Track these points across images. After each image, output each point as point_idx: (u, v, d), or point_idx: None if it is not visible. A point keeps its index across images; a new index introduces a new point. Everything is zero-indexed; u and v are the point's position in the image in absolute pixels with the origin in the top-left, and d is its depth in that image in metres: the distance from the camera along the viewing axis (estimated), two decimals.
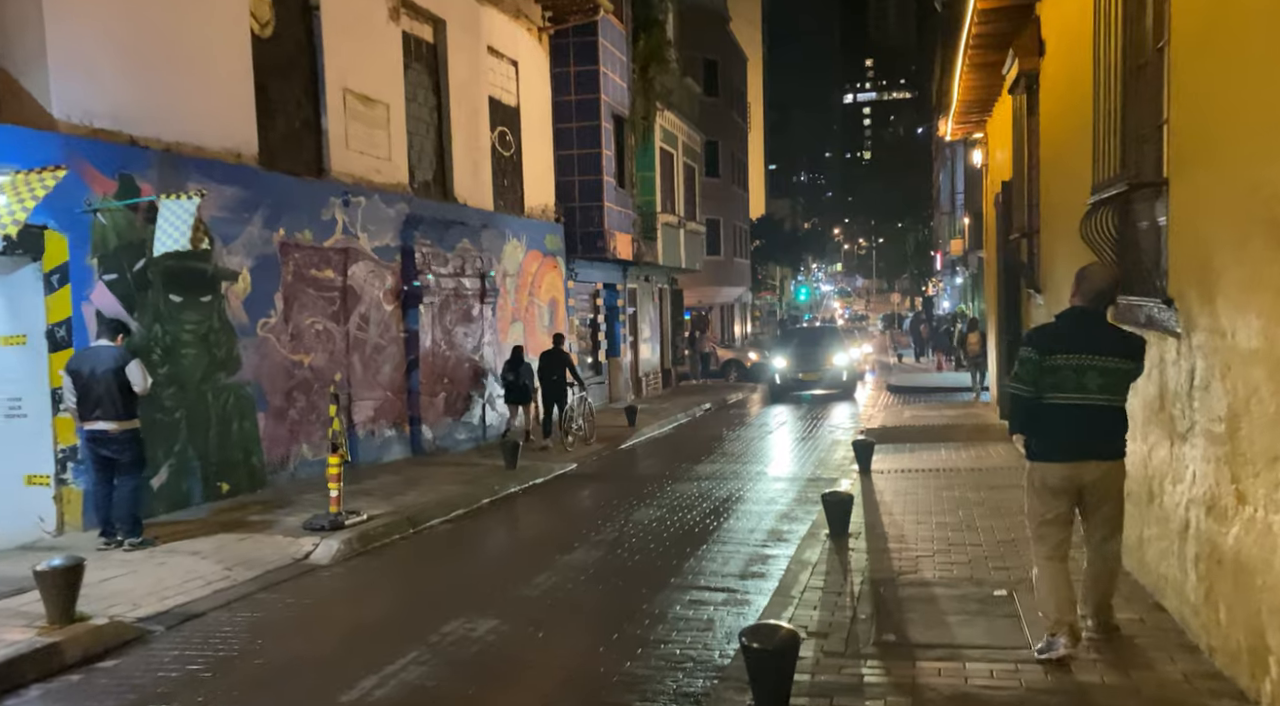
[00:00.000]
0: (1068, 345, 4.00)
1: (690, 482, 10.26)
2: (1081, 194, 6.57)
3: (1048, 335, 4.13)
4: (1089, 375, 3.93)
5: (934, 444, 11.94)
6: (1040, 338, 4.13)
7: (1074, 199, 7.02)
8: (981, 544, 6.38)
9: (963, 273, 30.77)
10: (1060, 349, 3.99)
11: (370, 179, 11.15)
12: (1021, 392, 4.07)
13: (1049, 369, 3.99)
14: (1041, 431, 4.07)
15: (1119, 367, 3.99)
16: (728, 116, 37.72)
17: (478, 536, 7.89)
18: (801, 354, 20.54)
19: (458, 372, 12.73)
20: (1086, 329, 4.06)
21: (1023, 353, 4.10)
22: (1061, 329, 4.13)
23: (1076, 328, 4.07)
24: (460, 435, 12.72)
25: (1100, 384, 3.95)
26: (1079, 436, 3.99)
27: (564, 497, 9.78)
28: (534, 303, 15.46)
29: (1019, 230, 9.85)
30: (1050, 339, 4.07)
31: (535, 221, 15.65)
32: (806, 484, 10.03)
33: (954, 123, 14.82)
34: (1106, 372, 3.95)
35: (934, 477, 9.27)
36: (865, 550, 6.35)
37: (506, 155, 14.92)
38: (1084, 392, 3.94)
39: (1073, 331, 4.06)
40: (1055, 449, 4.04)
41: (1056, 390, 3.98)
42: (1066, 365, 3.96)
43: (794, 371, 20.14)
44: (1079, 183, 6.74)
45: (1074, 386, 3.95)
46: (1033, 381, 4.02)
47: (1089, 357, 3.96)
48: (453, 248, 12.56)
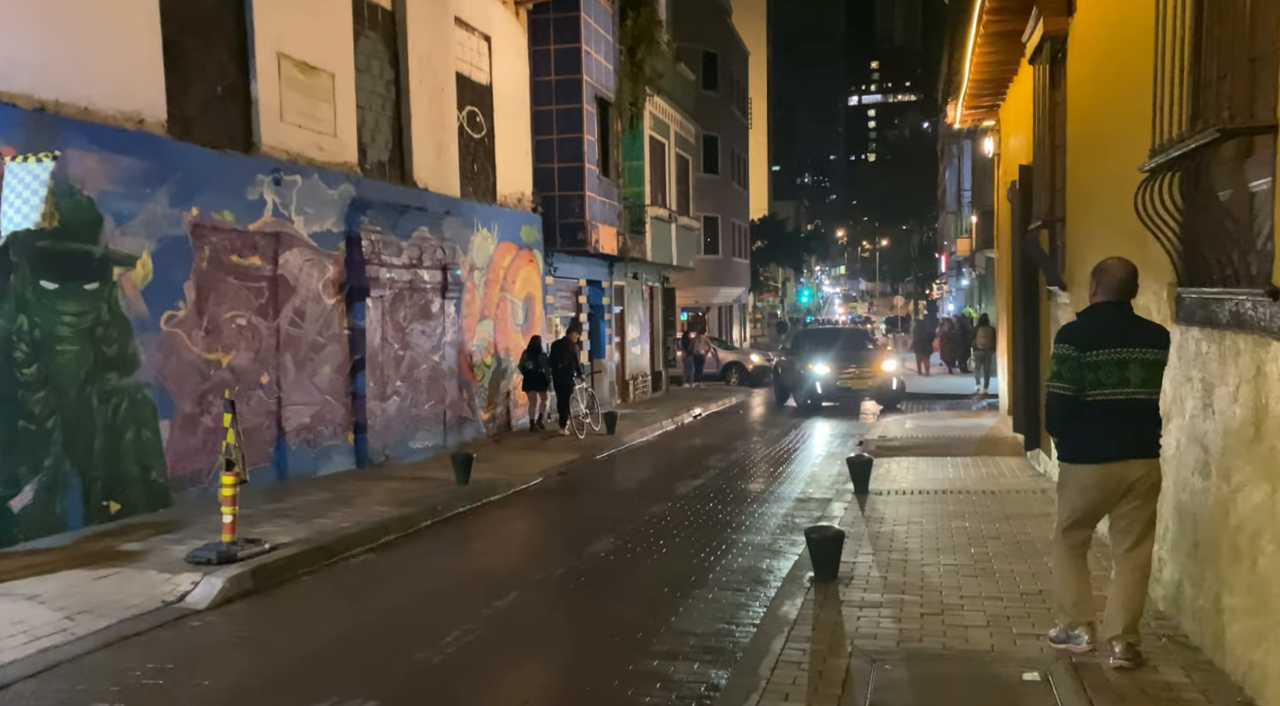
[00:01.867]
0: (1106, 339, 3.89)
1: (662, 503, 9.03)
2: (1125, 166, 5.34)
3: (1086, 331, 3.97)
4: (1131, 368, 3.85)
5: (939, 458, 10.71)
6: (1077, 333, 3.98)
7: (1115, 174, 5.79)
8: (1002, 597, 5.15)
9: (969, 274, 29.56)
10: (1099, 344, 3.88)
11: (311, 156, 9.94)
12: (1064, 392, 3.91)
13: (1089, 366, 3.86)
14: (1084, 431, 3.93)
15: (1157, 359, 3.92)
16: (727, 111, 36.51)
17: (399, 572, 6.66)
18: (845, 357, 17.90)
19: (414, 374, 11.51)
20: (1119, 322, 3.96)
21: (1060, 351, 3.94)
22: (1097, 323, 3.99)
23: (1112, 321, 3.96)
24: (416, 444, 11.50)
25: (1143, 377, 3.87)
26: (1125, 433, 3.88)
27: (516, 521, 8.55)
28: (506, 299, 14.24)
29: (1040, 219, 8.62)
30: (1087, 334, 3.94)
31: (509, 211, 14.43)
32: (795, 506, 8.80)
33: (964, 107, 13.58)
34: (1147, 365, 3.88)
35: (941, 501, 8.04)
36: (857, 602, 5.12)
37: (477, 138, 13.71)
38: (1127, 387, 3.86)
39: (1109, 325, 3.94)
40: (1101, 449, 3.89)
41: (1099, 387, 3.86)
42: (1108, 360, 3.86)
43: (836, 377, 17.40)
44: (1122, 153, 5.51)
45: (1117, 381, 3.85)
46: (1074, 379, 3.87)
47: (1128, 351, 3.87)
48: (409, 236, 11.35)
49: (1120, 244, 5.69)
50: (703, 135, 33.56)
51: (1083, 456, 3.95)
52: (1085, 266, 7.10)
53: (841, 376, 17.52)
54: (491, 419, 13.76)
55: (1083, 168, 7.08)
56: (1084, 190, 7.09)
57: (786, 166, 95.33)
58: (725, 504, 8.96)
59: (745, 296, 43.58)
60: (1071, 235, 7.65)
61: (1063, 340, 4.00)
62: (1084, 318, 4.09)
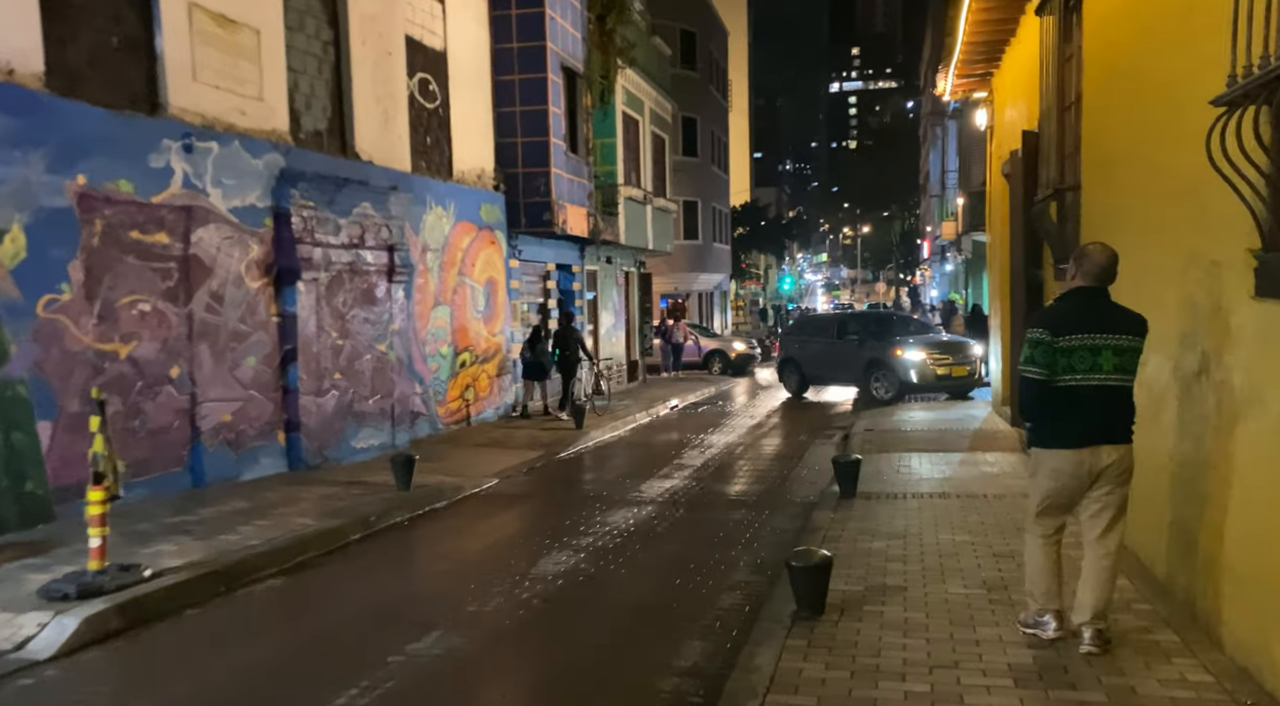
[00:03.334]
0: (1080, 325, 3.87)
1: (627, 509, 8.04)
2: (1175, 110, 4.39)
3: (1060, 316, 3.96)
4: (1104, 354, 3.85)
5: (932, 454, 9.79)
6: (1052, 318, 3.97)
7: (1159, 122, 4.83)
8: (1027, 641, 4.19)
9: (954, 258, 28.74)
10: (1073, 329, 3.87)
11: (231, 122, 8.82)
12: (1036, 376, 3.90)
13: (1063, 350, 3.86)
14: (1055, 416, 3.93)
15: (1131, 346, 3.89)
16: (707, 92, 35.42)
17: (306, 604, 5.63)
18: (927, 343, 15.98)
19: (356, 366, 10.43)
20: (1096, 307, 3.94)
21: (1033, 335, 3.92)
22: (1072, 308, 3.97)
23: (1088, 307, 3.94)
24: (360, 443, 10.44)
25: (1115, 363, 3.86)
26: (1096, 419, 3.88)
27: (459, 534, 7.53)
28: (465, 283, 13.16)
29: (1048, 188, 7.67)
30: (1062, 319, 3.92)
31: (467, 188, 13.34)
32: (776, 512, 7.83)
33: (955, 75, 12.60)
34: (1121, 352, 3.87)
35: (939, 508, 7.10)
36: (849, 646, 4.15)
37: (430, 108, 12.59)
38: (1100, 372, 3.85)
39: (1085, 311, 3.92)
40: (1072, 434, 3.90)
41: (1071, 372, 3.87)
42: (1081, 345, 3.85)
43: (933, 364, 15.44)
44: (1172, 95, 4.55)
45: (1090, 366, 3.85)
46: (1047, 364, 3.87)
47: (1102, 337, 3.86)
48: (348, 212, 10.24)
49: (1163, 206, 4.74)
50: (681, 116, 32.50)
51: (1054, 441, 3.96)
52: (1109, 238, 6.15)
53: (938, 363, 15.49)
54: (450, 413, 12.71)
55: (1106, 124, 6.12)
56: (1106, 151, 6.14)
57: (769, 153, 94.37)
58: (697, 510, 7.98)
59: (726, 283, 42.62)
60: (1089, 204, 6.69)
61: (1037, 324, 3.95)
62: (1061, 302, 4.08)
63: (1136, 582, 4.89)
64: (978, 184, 21.44)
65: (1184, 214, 4.38)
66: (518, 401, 14.75)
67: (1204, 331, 4.17)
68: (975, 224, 20.49)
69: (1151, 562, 5.03)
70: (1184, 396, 4.45)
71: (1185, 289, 4.41)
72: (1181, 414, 4.48)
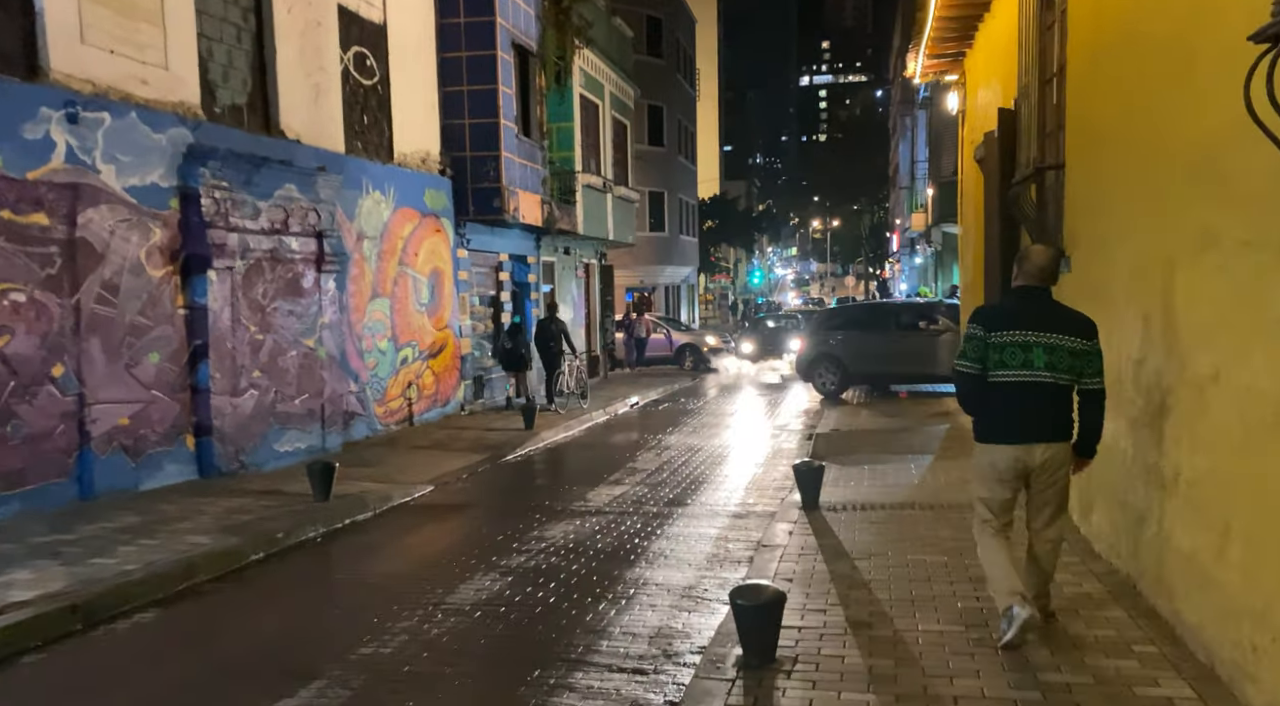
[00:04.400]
0: (1015, 322, 3.97)
1: (568, 522, 7.30)
2: (1183, 68, 3.73)
3: (995, 313, 4.10)
4: (1035, 352, 3.92)
5: (900, 458, 9.17)
6: (987, 314, 4.08)
7: (1156, 85, 4.17)
8: (1017, 694, 3.51)
9: (923, 251, 28.30)
10: (1007, 326, 3.96)
11: (129, 91, 7.90)
12: (967, 371, 4.02)
13: (995, 346, 3.97)
14: (990, 412, 4.04)
15: (1064, 345, 3.93)
16: (673, 80, 34.67)
17: (181, 643, 4.81)
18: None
19: (279, 363, 9.56)
20: (1033, 306, 4.02)
21: (969, 330, 4.04)
22: (1009, 307, 4.11)
23: (1023, 305, 4.04)
24: (284, 446, 9.57)
25: (1047, 361, 3.92)
26: (1027, 416, 3.95)
27: (375, 554, 6.73)
28: (406, 274, 12.31)
29: (1028, 169, 7.03)
30: (997, 317, 4.04)
31: (410, 172, 12.47)
32: (730, 525, 7.13)
33: (926, 55, 11.95)
34: (1052, 350, 3.92)
35: (908, 522, 6.43)
36: None
37: (367, 84, 11.71)
38: (1030, 369, 3.93)
39: (1020, 309, 4.03)
40: (1004, 430, 4.00)
41: (1003, 367, 3.96)
42: (1013, 342, 3.94)
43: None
44: (1174, 52, 3.89)
45: (1021, 363, 3.94)
46: (979, 359, 3.99)
47: (1035, 335, 3.93)
48: (270, 195, 9.36)
49: (1168, 181, 4.07)
50: (647, 105, 31.75)
51: (989, 436, 4.05)
52: (1096, 221, 5.51)
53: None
54: (390, 413, 11.87)
55: (1094, 94, 5.46)
56: (1095, 124, 5.48)
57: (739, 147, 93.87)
58: (646, 522, 7.25)
59: (694, 276, 41.97)
60: (1074, 185, 6.05)
61: (972, 320, 4.06)
62: (1002, 299, 4.18)
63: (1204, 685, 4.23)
64: (948, 173, 20.93)
65: (1197, 188, 3.72)
66: (467, 399, 13.96)
67: (1224, 327, 3.51)
68: (945, 215, 19.98)
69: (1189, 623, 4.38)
70: (1195, 405, 3.80)
71: (1198, 277, 3.76)
72: (1191, 426, 3.83)
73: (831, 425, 12.28)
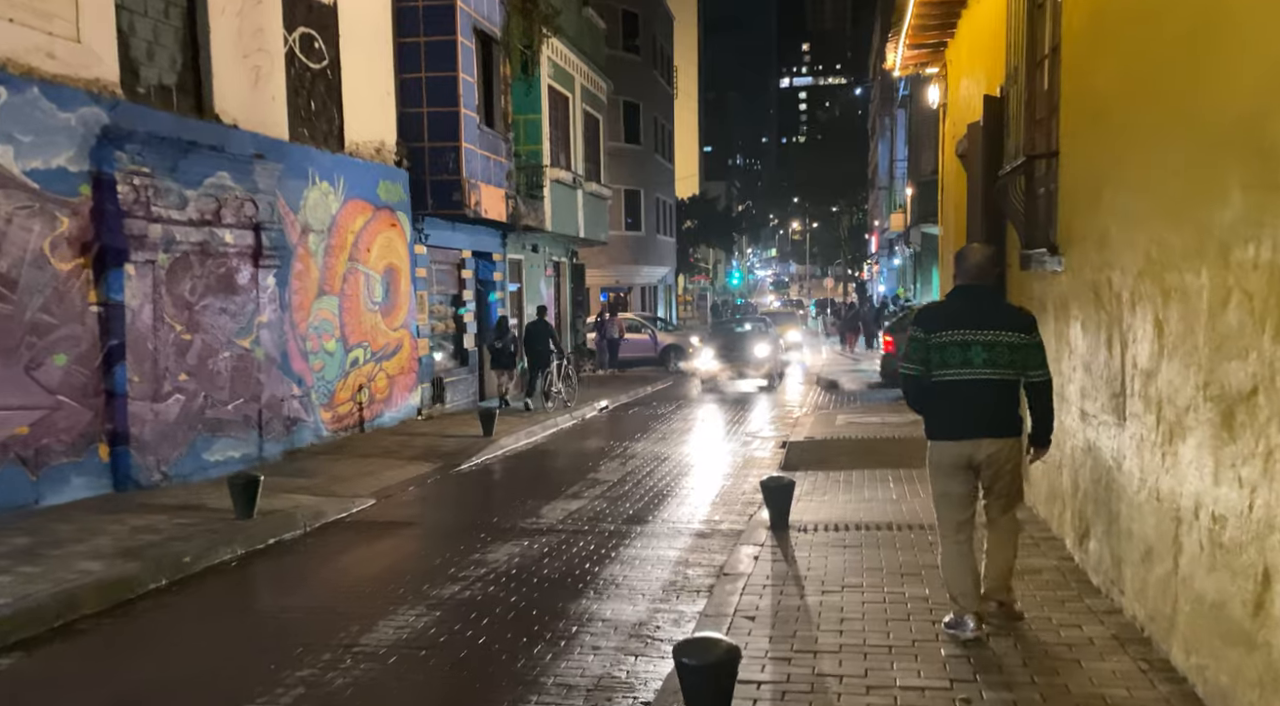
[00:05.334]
0: (954, 322, 4.06)
1: (515, 542, 6.64)
2: (1216, 17, 3.15)
3: (934, 314, 4.22)
4: (974, 350, 4.00)
5: (880, 470, 8.59)
6: (927, 317, 4.20)
7: (1173, 49, 3.60)
8: None
9: (902, 253, 27.87)
10: (946, 326, 4.05)
11: (31, 64, 7.15)
12: (910, 372, 4.14)
13: (935, 347, 4.05)
14: (934, 409, 4.14)
15: (1004, 341, 4.01)
16: (650, 77, 34.10)
17: (31, 699, 4.11)
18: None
19: (209, 365, 8.82)
20: (972, 305, 4.11)
21: (911, 332, 4.16)
22: (949, 307, 4.21)
23: (963, 304, 4.13)
24: (215, 455, 8.84)
25: (985, 358, 4.00)
26: (968, 412, 4.04)
27: (293, 579, 6.05)
28: (357, 270, 11.59)
29: (1017, 158, 6.45)
30: (937, 317, 4.15)
31: (362, 162, 11.75)
32: (691, 547, 6.50)
33: (907, 45, 11.39)
34: (991, 347, 4.00)
35: (887, 545, 5.83)
36: None
37: (316, 68, 10.98)
38: (970, 367, 4.01)
39: (959, 308, 4.12)
40: (948, 426, 4.10)
41: (944, 367, 4.04)
42: (952, 342, 4.03)
43: None
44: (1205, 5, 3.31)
45: (960, 362, 4.01)
46: (921, 360, 4.09)
47: (974, 333, 4.01)
48: (199, 183, 8.62)
49: (1193, 159, 3.48)
50: (623, 102, 31.14)
51: (937, 434, 4.14)
52: (1096, 213, 4.91)
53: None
54: (338, 419, 11.15)
55: (1095, 70, 4.88)
56: (1095, 103, 4.90)
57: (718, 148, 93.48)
58: (600, 542, 6.61)
59: (672, 277, 41.39)
60: (1070, 172, 5.47)
61: (915, 322, 4.18)
62: (942, 300, 4.39)
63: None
64: (928, 172, 20.47)
65: (1228, 165, 3.13)
66: (425, 403, 13.25)
67: (1267, 333, 2.92)
68: (925, 215, 19.51)
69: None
70: (1223, 426, 3.21)
71: (1230, 273, 3.17)
72: (1218, 452, 3.24)
73: (806, 432, 11.72)
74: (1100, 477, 4.79)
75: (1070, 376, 5.39)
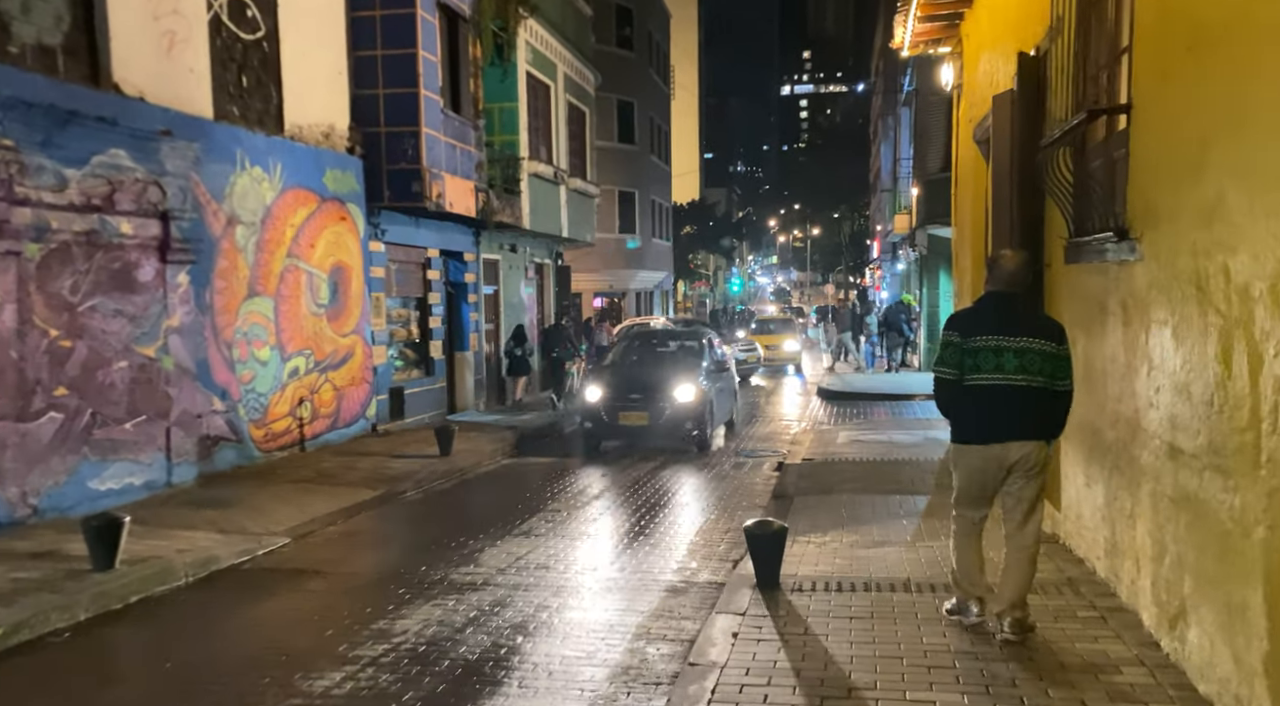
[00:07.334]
0: (987, 328, 4.11)
1: (444, 600, 5.30)
2: None
3: (968, 318, 4.28)
4: (1006, 356, 4.05)
5: (887, 499, 7.27)
6: (963, 321, 4.27)
7: None
8: None
9: (905, 257, 26.53)
10: (981, 332, 4.11)
11: None
12: (946, 377, 4.17)
13: (970, 352, 4.09)
14: (965, 413, 4.17)
15: (1034, 348, 4.06)
16: (645, 75, 32.85)
17: None
18: None
19: (98, 378, 7.48)
20: (1004, 312, 4.16)
21: (945, 337, 4.25)
22: (982, 312, 4.26)
23: (995, 311, 4.18)
24: (106, 483, 7.49)
25: (1017, 365, 4.04)
26: (1000, 417, 4.07)
27: (136, 659, 4.71)
28: (298, 268, 10.25)
29: (1070, 118, 5.10)
30: (971, 322, 4.21)
31: (305, 147, 10.44)
32: (660, 608, 5.15)
33: (917, 18, 10.07)
34: (1022, 353, 4.05)
35: (901, 613, 4.49)
36: None
37: (248, 39, 9.66)
38: (1002, 373, 4.05)
39: (991, 314, 4.18)
40: (978, 430, 4.13)
41: (976, 372, 4.09)
42: (985, 347, 4.07)
43: None
44: None
45: (992, 367, 4.06)
46: (956, 364, 4.13)
47: (1006, 339, 4.06)
48: (85, 161, 7.29)
49: None
50: (617, 100, 29.87)
51: (965, 437, 4.18)
52: (1201, 179, 3.51)
53: None
54: (273, 437, 9.80)
55: None
56: (1201, 29, 3.57)
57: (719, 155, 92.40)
58: (544, 601, 5.27)
59: (669, 282, 40.07)
60: (1152, 129, 4.12)
61: (949, 328, 4.25)
62: (975, 305, 4.40)
63: None
64: (935, 170, 19.14)
65: None
66: (381, 418, 11.91)
67: None
68: (932, 215, 18.16)
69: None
70: None
71: None
72: None
73: (805, 448, 10.39)
74: (1207, 544, 3.46)
75: (1152, 400, 4.05)
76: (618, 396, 10.75)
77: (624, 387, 10.88)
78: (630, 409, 10.62)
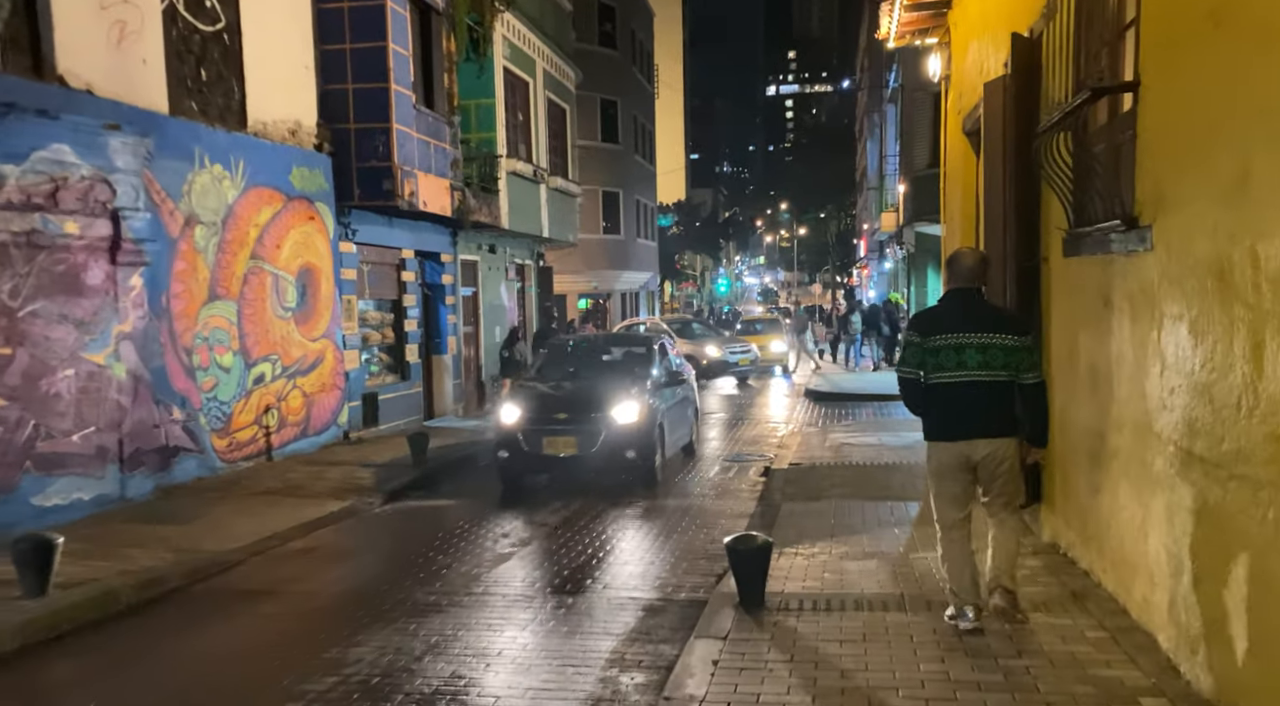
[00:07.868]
0: (947, 326, 4.14)
1: (406, 624, 4.90)
2: None
3: (928, 319, 4.31)
4: (967, 352, 4.06)
5: (877, 505, 6.92)
6: (922, 321, 4.32)
7: None
8: None
9: (892, 255, 26.30)
10: (940, 330, 4.13)
11: None
12: (908, 376, 4.21)
13: (931, 350, 4.12)
14: (931, 412, 4.20)
15: (995, 343, 4.07)
16: (629, 74, 32.49)
17: None
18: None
19: (40, 387, 7.04)
20: (964, 308, 4.17)
21: (905, 337, 4.32)
22: (941, 311, 4.30)
23: (954, 308, 4.21)
24: (51, 499, 7.05)
25: (979, 360, 4.06)
26: (965, 414, 4.09)
27: (56, 696, 4.28)
28: (263, 270, 9.82)
29: (1071, 100, 4.77)
30: (930, 322, 4.24)
31: (269, 144, 10.02)
32: (634, 631, 4.78)
33: (903, 8, 9.77)
34: (985, 349, 4.06)
35: (900, 638, 4.13)
36: None
37: (207, 31, 9.24)
38: (965, 370, 4.06)
39: (951, 312, 4.20)
40: (945, 427, 4.16)
41: (939, 370, 4.11)
42: (946, 345, 4.09)
43: None
44: None
45: (954, 364, 4.08)
46: (918, 364, 4.17)
47: (967, 336, 4.08)
48: (24, 157, 6.86)
49: None
50: (600, 99, 29.51)
51: (932, 435, 4.22)
52: (1223, 157, 3.16)
53: None
54: (237, 446, 9.37)
55: None
56: None
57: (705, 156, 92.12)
58: (507, 624, 4.88)
59: (655, 283, 39.71)
60: (1164, 107, 3.78)
61: (910, 328, 4.36)
62: (937, 304, 4.43)
63: None
64: (923, 166, 18.89)
65: None
66: (354, 425, 11.49)
67: None
68: (920, 212, 17.92)
69: None
70: None
71: None
72: None
73: (792, 451, 10.04)
74: (1234, 561, 3.12)
75: (1165, 402, 3.71)
76: (540, 417, 8.35)
77: (549, 406, 8.55)
78: (556, 433, 8.26)
